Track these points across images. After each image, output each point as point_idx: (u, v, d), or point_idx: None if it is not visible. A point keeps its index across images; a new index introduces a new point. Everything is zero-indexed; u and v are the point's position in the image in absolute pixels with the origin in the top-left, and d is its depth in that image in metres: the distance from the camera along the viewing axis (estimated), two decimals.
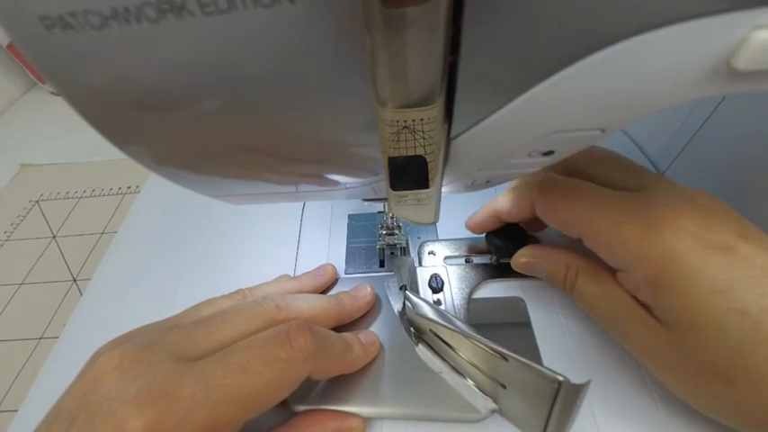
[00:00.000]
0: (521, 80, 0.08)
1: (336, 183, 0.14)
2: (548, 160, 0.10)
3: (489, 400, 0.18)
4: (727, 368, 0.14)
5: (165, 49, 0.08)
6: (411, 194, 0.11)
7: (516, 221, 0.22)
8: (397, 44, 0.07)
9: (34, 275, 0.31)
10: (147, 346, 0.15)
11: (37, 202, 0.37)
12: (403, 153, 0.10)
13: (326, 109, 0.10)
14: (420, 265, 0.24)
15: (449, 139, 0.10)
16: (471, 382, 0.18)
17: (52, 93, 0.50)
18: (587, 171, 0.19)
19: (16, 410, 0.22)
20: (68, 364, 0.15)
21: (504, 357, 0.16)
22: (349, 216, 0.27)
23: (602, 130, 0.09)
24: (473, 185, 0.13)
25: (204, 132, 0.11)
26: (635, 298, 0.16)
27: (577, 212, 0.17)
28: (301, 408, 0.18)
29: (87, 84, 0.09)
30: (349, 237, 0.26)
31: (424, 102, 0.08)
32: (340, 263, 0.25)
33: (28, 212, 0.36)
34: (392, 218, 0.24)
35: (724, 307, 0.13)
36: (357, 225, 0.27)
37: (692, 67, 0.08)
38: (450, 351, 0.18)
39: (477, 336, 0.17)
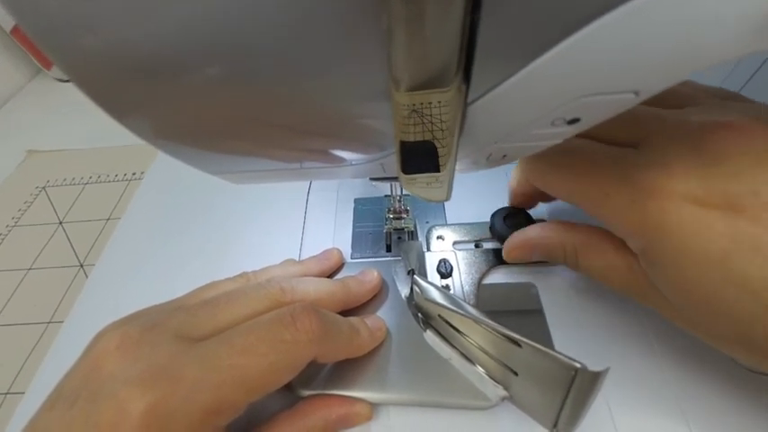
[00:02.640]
0: (548, 34, 0.07)
1: (342, 159, 0.13)
2: (572, 129, 0.10)
3: (500, 387, 0.17)
4: (738, 339, 0.13)
5: (163, 8, 0.07)
6: (423, 177, 0.11)
7: (528, 196, 0.21)
8: (412, 14, 0.06)
9: (41, 261, 0.31)
10: (150, 326, 0.15)
11: (43, 188, 0.37)
12: (416, 138, 0.09)
13: (331, 79, 0.09)
14: (428, 249, 0.24)
15: (465, 106, 0.09)
16: (481, 368, 0.18)
17: (58, 80, 0.50)
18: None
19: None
20: (74, 348, 0.15)
21: (517, 343, 0.15)
22: (355, 200, 0.27)
23: (636, 93, 0.08)
24: (488, 161, 0.12)
25: (205, 103, 0.10)
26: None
27: (567, 182, 0.15)
28: (306, 392, 0.18)
29: (82, 46, 0.08)
30: (355, 221, 0.26)
31: (438, 83, 0.07)
32: (346, 247, 0.24)
33: (35, 198, 0.36)
34: (399, 202, 0.23)
35: (718, 279, 0.12)
36: (363, 209, 0.26)
37: (742, 17, 0.07)
38: (460, 337, 0.18)
39: (489, 321, 0.16)
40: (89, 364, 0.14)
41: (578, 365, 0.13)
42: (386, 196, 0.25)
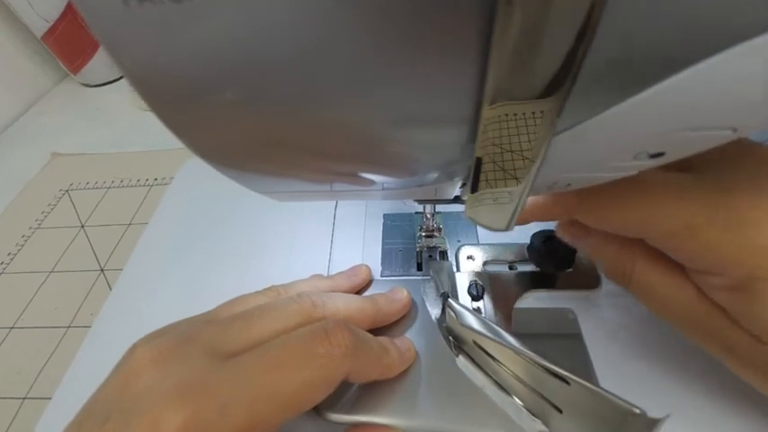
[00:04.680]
0: (654, 70, 0.07)
1: (374, 183, 0.13)
2: (652, 163, 0.09)
3: (538, 421, 0.16)
4: None
5: (182, 35, 0.07)
6: (497, 192, 0.10)
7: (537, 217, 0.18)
8: (526, 22, 0.06)
9: (63, 264, 0.31)
10: (183, 340, 0.15)
11: (67, 191, 0.37)
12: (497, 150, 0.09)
13: (361, 105, 0.09)
14: (458, 269, 0.23)
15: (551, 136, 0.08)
16: (518, 400, 0.17)
17: (84, 84, 0.51)
18: None
19: (46, 397, 0.22)
20: (101, 355, 0.15)
21: (565, 380, 0.14)
22: (384, 216, 0.26)
23: (734, 130, 0.08)
24: (552, 188, 0.11)
25: (235, 126, 0.10)
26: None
27: (633, 214, 0.13)
28: (333, 416, 0.18)
29: (124, 66, 0.08)
30: (384, 237, 0.25)
31: (541, 93, 0.07)
32: (375, 264, 0.24)
33: (58, 201, 0.36)
34: (432, 219, 0.23)
35: None
36: (393, 225, 0.26)
37: None
38: (495, 365, 0.17)
39: (532, 354, 0.16)
40: (122, 378, 0.14)
41: (637, 411, 0.12)
42: (416, 213, 0.25)
